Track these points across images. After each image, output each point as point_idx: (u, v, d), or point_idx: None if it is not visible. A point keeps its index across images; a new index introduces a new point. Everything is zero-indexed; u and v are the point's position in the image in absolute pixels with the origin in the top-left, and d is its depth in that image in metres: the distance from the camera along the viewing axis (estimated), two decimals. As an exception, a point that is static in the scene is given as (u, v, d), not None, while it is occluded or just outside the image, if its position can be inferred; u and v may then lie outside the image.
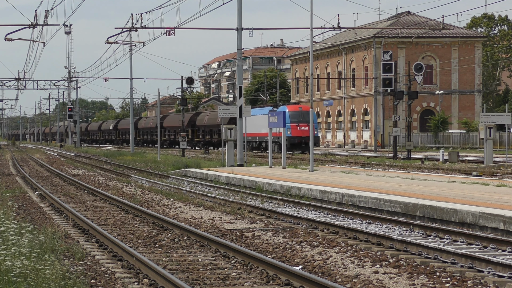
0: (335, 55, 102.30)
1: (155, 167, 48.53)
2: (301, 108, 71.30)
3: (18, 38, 49.45)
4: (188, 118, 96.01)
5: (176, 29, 48.28)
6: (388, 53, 52.19)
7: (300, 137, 68.63)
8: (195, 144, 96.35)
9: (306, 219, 19.32)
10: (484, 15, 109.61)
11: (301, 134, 68.68)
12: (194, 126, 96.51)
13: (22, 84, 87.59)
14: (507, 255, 14.10)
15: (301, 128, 68.93)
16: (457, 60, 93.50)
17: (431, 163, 46.25)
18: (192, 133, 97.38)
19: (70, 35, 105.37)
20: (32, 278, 11.13)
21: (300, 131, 68.81)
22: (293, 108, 70.84)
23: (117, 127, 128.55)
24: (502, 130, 69.39)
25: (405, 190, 23.97)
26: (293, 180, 29.59)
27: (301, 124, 69.05)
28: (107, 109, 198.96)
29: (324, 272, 12.95)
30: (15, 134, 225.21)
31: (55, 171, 44.34)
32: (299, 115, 69.59)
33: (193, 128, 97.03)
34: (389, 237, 15.73)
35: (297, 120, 69.20)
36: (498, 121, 44.65)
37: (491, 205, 18.89)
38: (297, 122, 69.12)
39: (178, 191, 29.70)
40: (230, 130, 43.45)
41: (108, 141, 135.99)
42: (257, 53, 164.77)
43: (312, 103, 37.57)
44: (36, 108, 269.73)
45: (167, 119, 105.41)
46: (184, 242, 16.43)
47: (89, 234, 17.73)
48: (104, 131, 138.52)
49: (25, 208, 24.00)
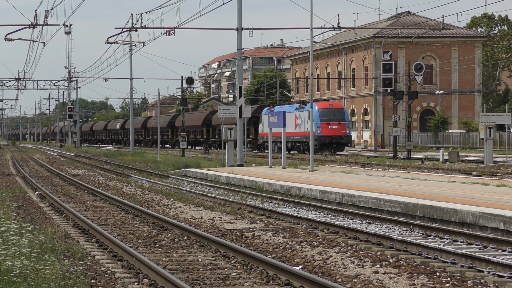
0: (335, 55, 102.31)
1: (155, 167, 48.54)
2: (331, 105, 66.65)
3: (18, 38, 49.47)
4: (203, 117, 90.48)
5: (176, 29, 48.31)
6: (388, 53, 52.19)
7: (331, 137, 64.04)
8: (211, 144, 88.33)
9: (306, 219, 19.32)
10: (484, 15, 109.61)
11: (332, 134, 64.17)
12: (210, 126, 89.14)
13: (22, 84, 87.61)
14: (507, 255, 14.10)
15: (332, 127, 64.35)
16: (457, 60, 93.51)
17: (431, 163, 46.26)
18: (208, 133, 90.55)
19: (70, 35, 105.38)
20: (32, 278, 11.13)
21: (331, 130, 64.22)
22: (323, 105, 66.10)
23: (124, 127, 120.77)
24: (502, 130, 69.40)
25: (405, 190, 23.96)
26: (293, 180, 29.59)
27: (332, 122, 64.42)
28: (107, 109, 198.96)
29: (324, 272, 12.95)
30: (15, 134, 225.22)
31: (55, 171, 44.34)
32: (329, 113, 64.95)
33: (209, 128, 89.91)
34: (389, 237, 15.73)
35: (328, 118, 64.58)
36: (498, 121, 44.67)
37: (491, 205, 18.89)
38: (327, 120, 64.49)
39: (178, 191, 29.70)
40: (230, 130, 43.46)
41: (115, 141, 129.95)
42: (257, 53, 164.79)
43: (312, 103, 37.52)
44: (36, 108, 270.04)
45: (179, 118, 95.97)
46: (184, 242, 16.44)
47: (89, 234, 17.73)
48: (110, 130, 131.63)
49: (25, 208, 24.00)
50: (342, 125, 64.54)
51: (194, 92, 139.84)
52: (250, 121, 74.07)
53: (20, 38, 50.08)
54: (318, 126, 63.14)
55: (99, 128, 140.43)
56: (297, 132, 66.03)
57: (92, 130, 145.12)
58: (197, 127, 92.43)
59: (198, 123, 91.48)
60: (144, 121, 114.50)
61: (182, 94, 71.39)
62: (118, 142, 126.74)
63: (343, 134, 64.42)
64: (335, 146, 64.49)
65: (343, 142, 64.75)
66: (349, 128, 66.37)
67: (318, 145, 62.74)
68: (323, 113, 64.54)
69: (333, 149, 64.48)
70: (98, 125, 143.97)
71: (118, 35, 56.80)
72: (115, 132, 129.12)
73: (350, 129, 70.40)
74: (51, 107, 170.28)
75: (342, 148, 66.01)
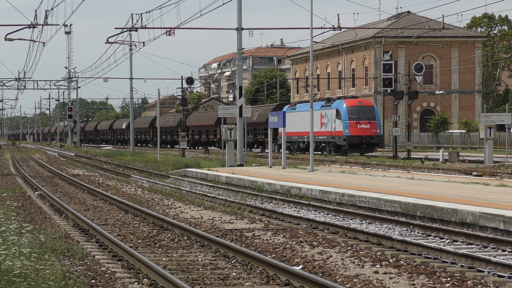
0: (335, 55, 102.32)
1: (155, 167, 48.53)
2: (361, 102, 62.20)
3: (18, 38, 49.48)
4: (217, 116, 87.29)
5: (176, 29, 48.31)
6: (388, 53, 52.17)
7: (361, 137, 59.80)
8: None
9: (306, 219, 19.32)
10: (484, 15, 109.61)
11: (362, 133, 59.88)
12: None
13: (22, 84, 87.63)
14: (507, 255, 14.09)
15: (362, 126, 60.00)
16: (457, 60, 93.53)
17: (431, 163, 46.25)
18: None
19: (70, 35, 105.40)
20: (32, 278, 11.13)
21: (361, 129, 59.88)
22: (351, 103, 61.56)
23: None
24: (502, 130, 69.40)
25: (405, 190, 23.96)
26: (293, 180, 29.58)
27: (361, 121, 60.16)
28: (107, 109, 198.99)
29: (324, 272, 12.95)
30: (15, 134, 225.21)
31: (55, 171, 44.33)
32: (359, 111, 60.65)
33: None
34: (389, 237, 15.73)
35: (357, 117, 60.29)
36: (498, 121, 44.66)
37: (491, 205, 18.89)
38: (356, 119, 60.19)
39: (178, 191, 29.70)
40: (230, 130, 43.46)
41: (121, 142, 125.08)
42: (257, 53, 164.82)
43: (312, 103, 37.51)
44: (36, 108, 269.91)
45: (190, 117, 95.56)
46: (184, 242, 16.43)
47: (89, 234, 17.73)
48: (116, 130, 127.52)
49: (25, 208, 23.99)
50: (373, 124, 60.60)
51: (194, 92, 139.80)
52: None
53: (20, 38, 50.11)
54: (346, 125, 59.80)
55: (104, 128, 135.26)
56: (323, 131, 62.52)
57: (96, 129, 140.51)
58: (209, 126, 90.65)
59: (211, 123, 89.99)
60: (152, 120, 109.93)
61: (182, 94, 71.38)
62: (124, 142, 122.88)
63: (374, 133, 60.65)
64: (365, 147, 60.53)
65: (373, 142, 60.90)
66: (380, 127, 62.18)
67: (347, 146, 59.53)
68: (352, 111, 60.52)
69: (363, 150, 60.60)
70: (103, 124, 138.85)
71: (118, 35, 56.84)
72: (121, 132, 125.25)
73: (382, 128, 66.37)
74: (51, 107, 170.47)
75: (373, 149, 61.91)
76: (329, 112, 61.98)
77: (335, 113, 61.07)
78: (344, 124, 59.81)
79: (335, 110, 61.18)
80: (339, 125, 60.61)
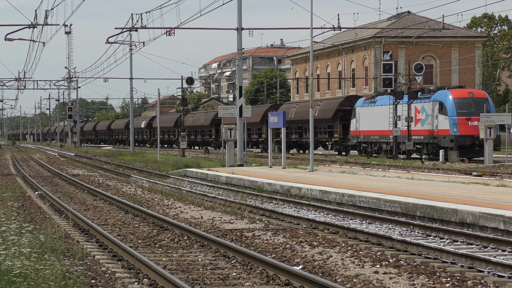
0: (335, 55, 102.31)
1: (155, 167, 48.53)
2: (471, 93, 49.72)
3: (18, 38, 49.49)
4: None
5: (176, 29, 48.32)
6: (388, 53, 52.17)
7: (473, 137, 47.69)
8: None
9: (306, 219, 19.32)
10: (484, 15, 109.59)
11: (475, 133, 47.45)
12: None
13: (22, 84, 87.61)
14: (507, 255, 14.10)
15: (474, 124, 47.69)
16: (457, 60, 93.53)
17: (431, 163, 46.22)
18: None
19: (70, 35, 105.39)
20: (32, 278, 11.13)
21: (473, 127, 47.74)
22: (460, 94, 49.21)
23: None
24: (502, 130, 69.36)
25: (405, 190, 23.96)
26: (293, 180, 29.58)
27: (473, 117, 47.84)
28: (107, 109, 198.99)
29: (324, 272, 12.95)
30: (15, 134, 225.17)
31: (55, 171, 44.33)
32: (469, 104, 48.63)
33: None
34: (389, 237, 15.73)
35: (467, 112, 48.30)
36: (498, 121, 44.57)
37: (491, 205, 18.90)
38: (467, 114, 48.24)
39: (178, 191, 29.70)
40: (230, 130, 43.49)
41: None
42: (257, 53, 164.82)
43: (312, 103, 37.52)
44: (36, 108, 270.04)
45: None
46: (184, 242, 16.44)
47: (89, 234, 17.73)
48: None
49: (25, 208, 24.00)
50: None
51: (194, 92, 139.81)
52: (335, 116, 62.70)
53: (20, 38, 50.13)
54: (454, 123, 48.01)
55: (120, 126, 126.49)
56: (418, 130, 51.65)
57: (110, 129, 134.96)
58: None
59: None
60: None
61: (182, 94, 71.40)
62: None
63: None
64: (478, 150, 47.81)
65: None
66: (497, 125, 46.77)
67: (455, 147, 47.98)
68: (461, 104, 48.55)
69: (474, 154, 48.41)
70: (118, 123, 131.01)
71: (118, 35, 56.87)
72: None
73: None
74: (51, 107, 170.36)
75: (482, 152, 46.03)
76: (428, 106, 50.63)
77: (438, 106, 49.58)
78: (451, 120, 48.16)
79: (437, 103, 49.68)
80: (443, 122, 49.10)
